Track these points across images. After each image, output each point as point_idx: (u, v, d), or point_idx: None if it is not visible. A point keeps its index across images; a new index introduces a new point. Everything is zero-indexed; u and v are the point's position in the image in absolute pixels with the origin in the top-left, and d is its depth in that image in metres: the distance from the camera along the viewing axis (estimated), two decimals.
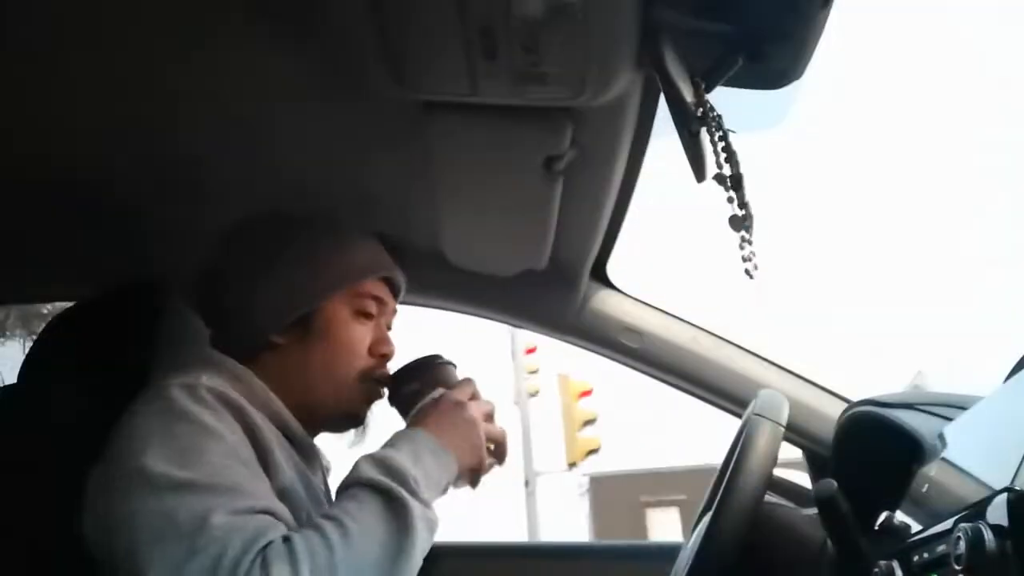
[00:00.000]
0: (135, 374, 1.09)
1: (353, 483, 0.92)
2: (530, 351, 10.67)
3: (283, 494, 0.95)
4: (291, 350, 1.08)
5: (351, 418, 1.13)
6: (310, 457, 1.09)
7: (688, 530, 1.31)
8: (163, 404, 0.93)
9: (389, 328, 1.18)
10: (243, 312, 1.08)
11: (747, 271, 0.92)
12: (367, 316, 1.13)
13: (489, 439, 1.05)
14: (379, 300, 1.14)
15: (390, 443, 0.98)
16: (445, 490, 0.98)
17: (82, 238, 1.45)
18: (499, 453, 1.07)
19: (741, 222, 0.91)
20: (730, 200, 0.90)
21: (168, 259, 1.43)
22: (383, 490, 0.89)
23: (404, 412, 1.11)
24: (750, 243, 0.91)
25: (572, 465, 10.23)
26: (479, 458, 1.03)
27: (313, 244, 1.12)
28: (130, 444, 0.91)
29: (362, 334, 1.12)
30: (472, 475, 1.04)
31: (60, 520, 0.95)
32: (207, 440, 0.90)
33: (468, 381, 1.09)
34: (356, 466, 0.93)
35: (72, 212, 1.37)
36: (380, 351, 1.13)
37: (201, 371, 1.00)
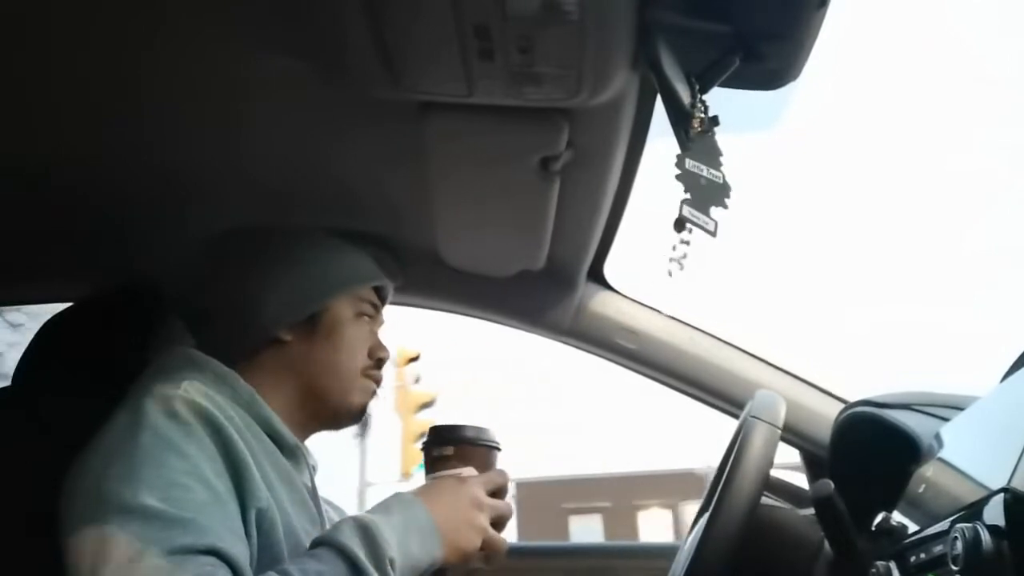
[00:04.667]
0: (130, 376, 1.09)
1: (327, 543, 0.89)
2: None
3: (261, 515, 0.93)
4: (295, 347, 1.11)
5: (354, 414, 1.15)
6: (297, 458, 1.08)
7: (610, 537, 1.31)
8: (134, 416, 0.92)
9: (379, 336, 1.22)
10: (252, 307, 1.10)
11: (670, 271, 0.93)
12: (366, 319, 1.17)
13: (488, 545, 1.00)
14: (374, 307, 1.20)
15: (385, 507, 0.96)
16: (422, 574, 0.94)
17: (78, 240, 1.45)
18: (490, 560, 1.03)
19: (683, 224, 0.91)
20: (684, 202, 0.91)
21: (163, 261, 1.43)
22: (354, 562, 0.86)
23: (427, 468, 1.08)
24: (687, 244, 0.92)
25: (406, 476, 10.18)
26: (465, 560, 0.99)
27: (322, 247, 1.18)
28: (93, 457, 0.91)
29: (363, 335, 1.16)
30: (453, 570, 1.00)
31: (53, 526, 0.94)
32: (169, 456, 0.88)
33: (500, 474, 1.06)
34: (339, 525, 0.91)
35: (67, 214, 1.37)
36: (378, 354, 1.17)
37: (183, 376, 0.99)
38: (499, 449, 1.10)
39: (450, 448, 1.07)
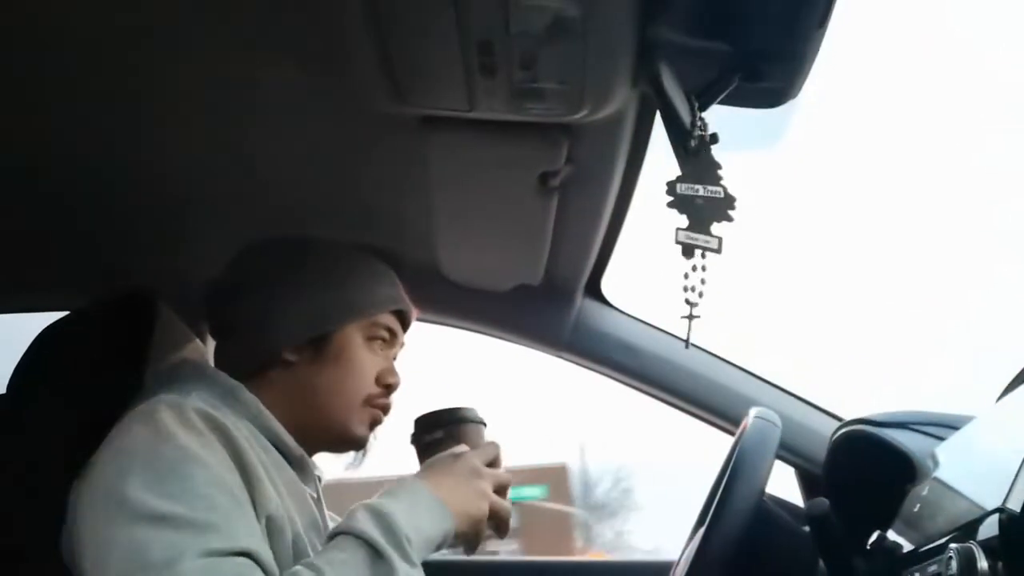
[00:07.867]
0: (127, 385, 1.09)
1: (345, 532, 0.90)
2: None
3: (271, 521, 0.93)
4: (301, 369, 1.08)
5: (352, 441, 1.12)
6: (303, 469, 1.08)
7: None
8: (150, 425, 0.92)
9: (395, 360, 1.18)
10: (260, 326, 1.08)
11: (688, 315, 0.93)
12: (379, 346, 1.14)
13: (493, 513, 1.02)
14: (391, 332, 1.15)
15: (391, 492, 0.96)
16: (438, 548, 0.96)
17: (75, 248, 1.45)
18: (500, 529, 1.04)
19: (692, 251, 0.91)
20: (680, 229, 0.90)
21: (161, 269, 1.43)
22: (373, 546, 0.88)
23: (421, 457, 1.09)
24: (704, 269, 0.91)
25: None
26: (477, 530, 1.00)
27: (339, 268, 1.13)
28: (112, 464, 0.91)
29: (372, 362, 1.12)
30: (467, 542, 1.02)
31: (47, 536, 0.94)
32: (191, 466, 0.89)
33: (493, 446, 1.07)
34: (352, 514, 0.92)
35: (64, 222, 1.37)
36: (386, 381, 1.13)
37: (192, 387, 1.00)
38: (485, 424, 1.12)
39: (439, 432, 1.09)
